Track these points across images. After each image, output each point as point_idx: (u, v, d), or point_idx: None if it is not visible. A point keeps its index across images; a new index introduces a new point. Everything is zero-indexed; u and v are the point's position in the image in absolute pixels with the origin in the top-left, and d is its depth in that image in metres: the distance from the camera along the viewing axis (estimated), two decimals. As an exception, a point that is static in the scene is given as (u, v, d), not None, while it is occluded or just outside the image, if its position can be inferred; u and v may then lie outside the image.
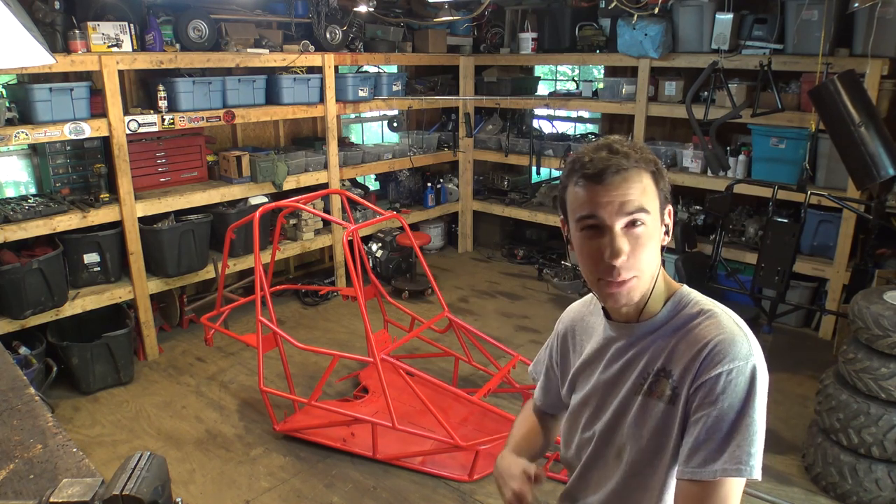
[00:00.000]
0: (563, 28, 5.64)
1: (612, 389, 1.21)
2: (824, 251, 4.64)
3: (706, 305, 1.15)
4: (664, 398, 1.11)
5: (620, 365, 1.20)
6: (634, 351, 1.18)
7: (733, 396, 1.04)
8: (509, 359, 3.60)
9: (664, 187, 1.12)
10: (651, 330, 1.17)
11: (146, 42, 4.14)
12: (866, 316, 2.82)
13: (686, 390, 1.08)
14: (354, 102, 5.41)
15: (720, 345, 1.06)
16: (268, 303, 3.45)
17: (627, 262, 1.08)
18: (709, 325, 1.11)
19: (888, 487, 2.84)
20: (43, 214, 3.79)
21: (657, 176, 1.11)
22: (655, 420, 1.12)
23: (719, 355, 1.05)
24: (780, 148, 4.65)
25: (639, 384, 1.15)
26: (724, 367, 1.05)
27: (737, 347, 1.06)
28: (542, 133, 6.61)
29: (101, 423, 3.69)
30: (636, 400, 1.15)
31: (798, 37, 4.43)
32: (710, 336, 1.08)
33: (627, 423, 1.17)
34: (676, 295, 1.18)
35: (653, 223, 1.09)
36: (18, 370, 1.84)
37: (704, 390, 1.06)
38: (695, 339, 1.10)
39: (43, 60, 1.16)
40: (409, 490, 3.14)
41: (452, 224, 6.89)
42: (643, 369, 1.15)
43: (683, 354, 1.10)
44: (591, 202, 1.08)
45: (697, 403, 1.07)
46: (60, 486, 0.94)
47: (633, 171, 1.07)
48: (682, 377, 1.09)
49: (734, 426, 1.03)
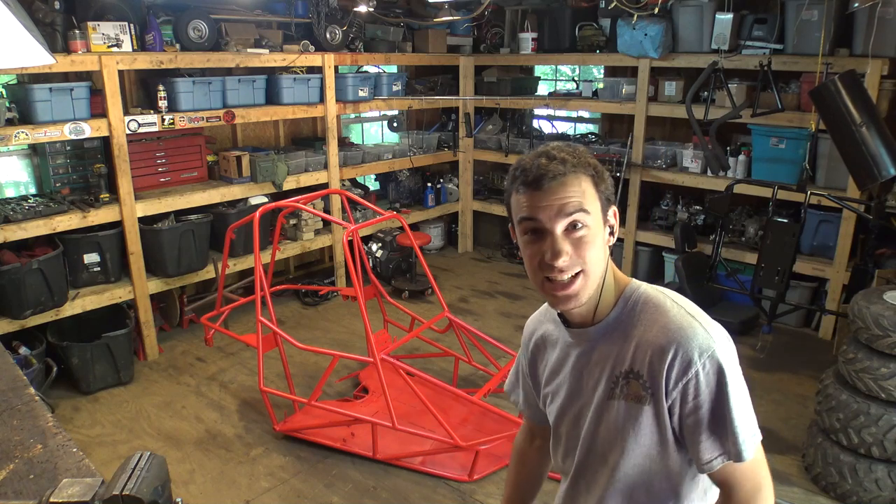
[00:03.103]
0: (563, 28, 5.64)
1: (584, 397, 1.23)
2: (824, 251, 4.64)
3: (655, 299, 1.18)
4: (640, 399, 1.14)
5: (586, 372, 1.22)
6: (596, 356, 1.20)
7: (714, 388, 1.09)
8: (509, 359, 3.60)
9: (605, 189, 1.14)
10: (606, 331, 1.19)
11: (146, 42, 4.14)
12: (866, 316, 2.82)
13: (663, 393, 1.11)
14: (354, 102, 5.41)
15: (682, 344, 1.09)
16: (268, 303, 3.45)
17: (570, 261, 1.10)
18: (663, 322, 1.13)
19: (888, 487, 2.84)
20: (43, 214, 3.79)
21: (597, 179, 1.13)
22: (636, 421, 1.15)
23: (686, 356, 1.09)
24: (780, 148, 4.65)
25: (610, 388, 1.17)
26: (694, 367, 1.08)
27: (697, 340, 1.09)
28: (542, 133, 6.61)
29: (101, 423, 3.70)
30: (611, 405, 1.17)
31: (798, 37, 4.43)
32: (670, 336, 1.11)
33: (607, 428, 1.19)
34: (626, 291, 1.20)
35: (594, 223, 1.12)
36: (18, 370, 1.84)
37: (684, 393, 1.10)
38: (654, 340, 1.12)
39: (43, 60, 1.16)
40: (409, 490, 3.14)
41: (452, 224, 6.89)
42: (610, 374, 1.17)
43: (647, 355, 1.13)
44: (530, 207, 1.11)
45: (682, 407, 1.11)
46: (60, 486, 0.94)
47: (571, 176, 1.10)
48: (653, 379, 1.12)
49: (728, 410, 1.09)
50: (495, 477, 3.21)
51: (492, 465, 3.24)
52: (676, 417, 1.12)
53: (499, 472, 3.23)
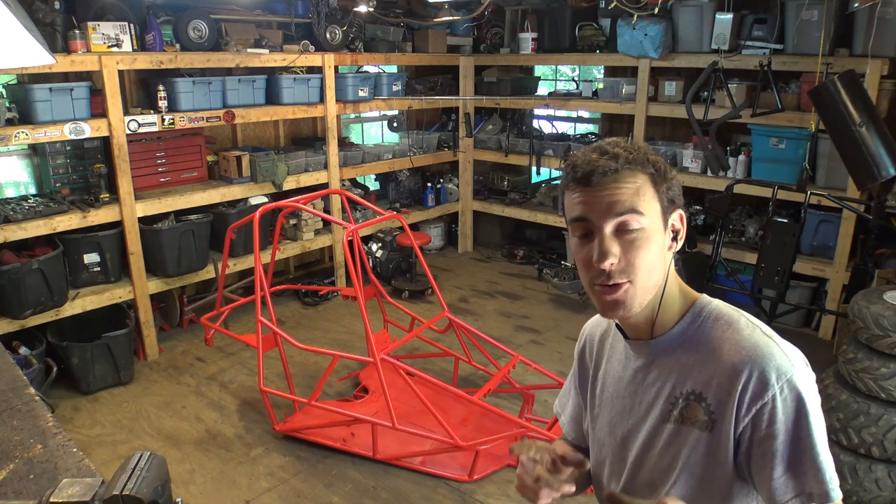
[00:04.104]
0: (563, 28, 5.64)
1: (636, 417, 1.13)
2: (824, 251, 4.64)
3: (727, 315, 1.06)
4: (699, 424, 1.03)
5: (642, 389, 1.12)
6: (655, 372, 1.10)
7: (793, 416, 0.97)
8: (509, 359, 3.60)
9: (666, 190, 1.04)
10: (669, 346, 1.08)
11: (146, 42, 4.14)
12: (866, 316, 2.82)
13: (732, 419, 0.99)
14: (354, 102, 5.41)
15: (757, 364, 0.98)
16: (268, 303, 3.45)
17: (619, 266, 1.01)
18: (736, 339, 1.02)
19: (888, 487, 2.84)
20: (43, 214, 3.79)
21: (656, 177, 1.03)
22: (692, 448, 1.04)
23: (762, 377, 0.97)
24: (780, 148, 4.65)
25: (668, 410, 1.07)
26: (770, 390, 0.97)
27: (775, 360, 0.98)
28: (542, 133, 6.62)
29: (101, 423, 3.70)
30: (666, 428, 1.07)
31: (798, 37, 4.43)
32: (744, 355, 1.00)
33: (658, 454, 1.08)
34: (696, 306, 1.09)
35: (651, 226, 1.02)
36: (18, 370, 1.84)
37: (757, 420, 0.98)
38: (725, 359, 1.01)
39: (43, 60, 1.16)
40: (409, 490, 3.14)
41: (452, 224, 6.89)
42: (670, 393, 1.06)
43: (715, 376, 1.01)
44: (580, 205, 1.03)
45: (752, 435, 0.99)
46: (60, 486, 0.94)
47: (625, 172, 1.01)
48: (720, 403, 1.00)
49: (810, 444, 0.97)
50: (495, 477, 3.21)
51: (492, 465, 3.24)
52: (745, 448, 0.99)
53: (499, 472, 3.23)
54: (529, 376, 3.92)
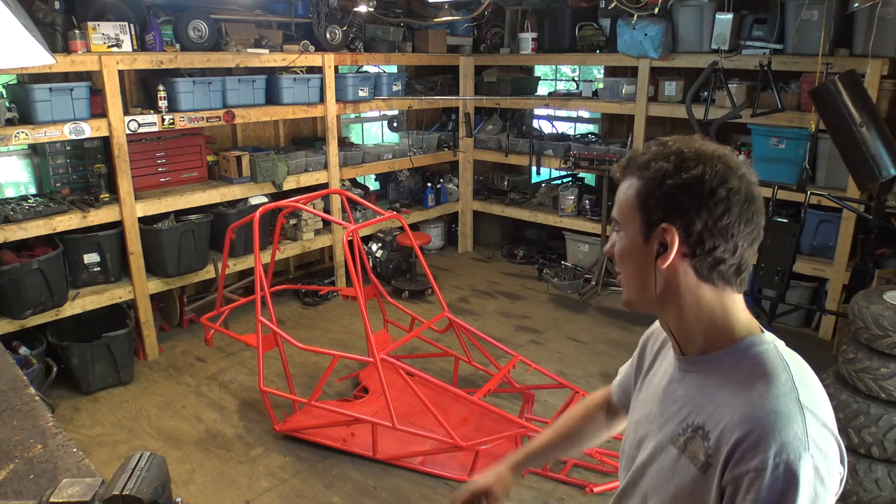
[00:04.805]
0: (563, 28, 5.65)
1: (651, 426, 1.12)
2: (824, 251, 4.64)
3: (772, 365, 0.97)
4: (696, 462, 0.98)
5: (669, 401, 1.09)
6: (682, 390, 1.06)
7: (777, 499, 0.87)
8: (509, 359, 3.60)
9: (655, 204, 0.98)
10: (701, 368, 1.04)
11: (146, 42, 4.14)
12: (866, 316, 2.82)
13: (720, 469, 0.93)
14: (354, 102, 5.41)
15: (763, 430, 0.89)
16: (268, 303, 3.45)
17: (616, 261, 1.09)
18: (762, 396, 0.93)
19: (888, 487, 2.84)
20: (43, 214, 3.79)
21: (646, 190, 1.00)
22: (682, 482, 1.00)
23: (759, 443, 0.88)
24: (780, 148, 4.65)
25: (677, 434, 1.03)
26: (759, 461, 0.88)
27: (784, 436, 0.88)
28: (542, 133, 6.61)
29: (101, 423, 3.70)
30: (670, 450, 1.04)
31: (798, 37, 4.43)
32: (756, 414, 0.91)
33: (657, 472, 1.07)
34: (744, 341, 1.01)
35: (629, 239, 1.03)
36: (18, 370, 1.84)
37: (738, 484, 0.90)
38: (741, 410, 0.93)
39: (43, 60, 1.16)
40: (409, 490, 3.14)
41: (452, 224, 6.89)
42: (685, 418, 1.03)
43: (724, 418, 0.95)
44: None
45: (734, 497, 0.91)
46: (60, 486, 0.94)
47: (625, 181, 1.05)
48: (717, 448, 0.94)
49: None
50: (495, 477, 3.21)
51: (492, 465, 3.23)
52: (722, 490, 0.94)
53: (499, 472, 3.23)
54: (529, 376, 3.92)
